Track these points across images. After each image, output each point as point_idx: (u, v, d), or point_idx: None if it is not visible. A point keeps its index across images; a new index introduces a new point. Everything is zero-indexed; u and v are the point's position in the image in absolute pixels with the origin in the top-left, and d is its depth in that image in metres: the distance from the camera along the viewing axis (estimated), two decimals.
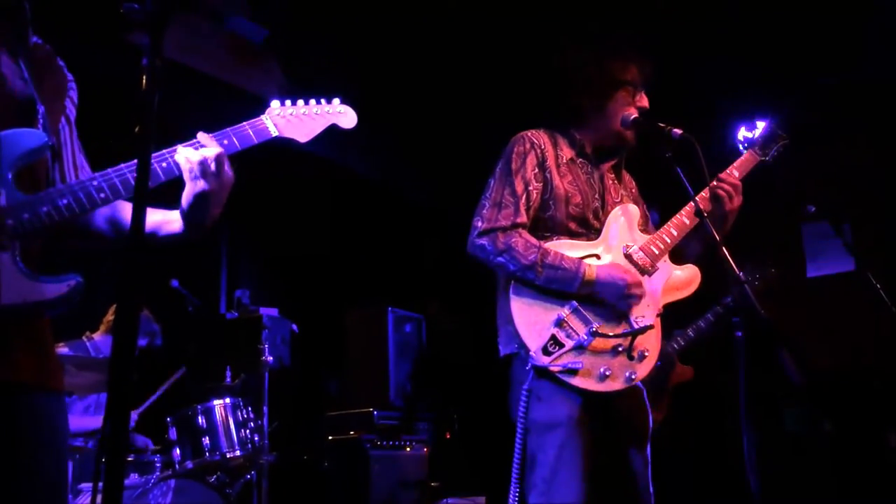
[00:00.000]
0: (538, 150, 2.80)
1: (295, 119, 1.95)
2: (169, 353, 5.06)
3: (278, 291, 6.38)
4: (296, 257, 6.51)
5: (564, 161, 2.84)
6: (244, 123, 1.87)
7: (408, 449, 4.96)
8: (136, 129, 1.37)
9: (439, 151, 6.28)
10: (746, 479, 2.42)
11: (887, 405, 4.62)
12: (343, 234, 6.72)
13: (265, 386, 4.69)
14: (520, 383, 2.58)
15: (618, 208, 2.87)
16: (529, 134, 2.85)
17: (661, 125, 2.75)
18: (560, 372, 2.53)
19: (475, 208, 2.76)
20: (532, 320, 2.59)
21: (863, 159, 5.42)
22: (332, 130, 2.03)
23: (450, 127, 5.95)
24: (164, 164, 1.71)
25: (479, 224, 2.69)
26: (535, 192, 2.75)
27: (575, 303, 2.61)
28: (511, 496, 2.56)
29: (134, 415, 4.64)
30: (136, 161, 1.54)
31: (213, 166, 1.71)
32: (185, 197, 1.74)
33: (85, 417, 4.53)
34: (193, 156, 1.71)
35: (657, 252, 2.79)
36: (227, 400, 4.55)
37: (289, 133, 1.94)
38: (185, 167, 1.72)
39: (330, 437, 5.02)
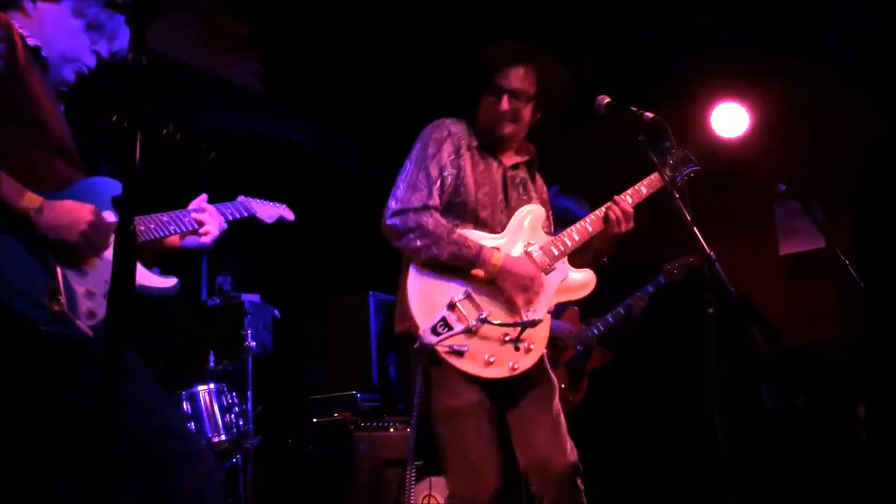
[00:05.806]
0: (455, 138, 2.90)
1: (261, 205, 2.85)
2: (151, 341, 5.07)
3: (259, 278, 6.39)
4: (276, 243, 6.51)
5: (475, 150, 2.93)
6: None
7: (391, 430, 5.03)
8: (113, 118, 1.41)
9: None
10: (719, 457, 2.49)
11: (855, 378, 4.73)
12: (323, 219, 6.72)
13: (249, 371, 4.73)
14: (414, 363, 2.68)
15: (525, 206, 2.96)
16: (448, 121, 2.95)
17: (633, 109, 2.82)
18: (446, 353, 2.60)
19: (391, 189, 2.83)
20: (426, 300, 2.66)
21: (834, 140, 5.52)
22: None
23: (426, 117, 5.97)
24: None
25: (393, 205, 2.78)
26: (449, 177, 2.83)
27: (469, 289, 2.69)
28: (407, 481, 2.73)
29: None
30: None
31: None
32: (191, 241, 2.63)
33: None
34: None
35: (556, 253, 2.90)
36: (212, 385, 4.58)
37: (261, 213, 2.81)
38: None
39: (314, 420, 5.07)
